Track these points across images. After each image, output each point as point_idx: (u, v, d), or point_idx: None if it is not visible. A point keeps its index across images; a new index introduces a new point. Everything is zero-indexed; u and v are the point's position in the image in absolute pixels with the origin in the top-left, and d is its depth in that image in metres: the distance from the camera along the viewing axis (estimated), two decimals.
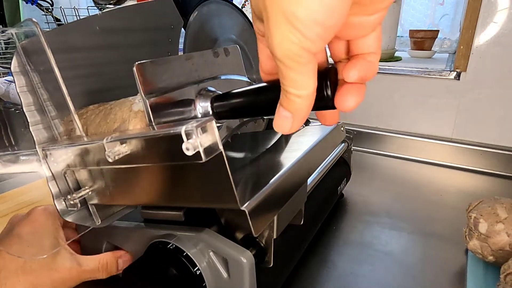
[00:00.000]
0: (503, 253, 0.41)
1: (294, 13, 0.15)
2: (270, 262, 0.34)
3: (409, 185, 0.72)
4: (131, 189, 0.28)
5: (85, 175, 0.30)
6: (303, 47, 0.16)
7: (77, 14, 1.13)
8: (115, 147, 0.25)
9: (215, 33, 0.50)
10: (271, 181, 0.30)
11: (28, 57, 0.31)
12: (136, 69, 0.26)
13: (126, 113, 0.29)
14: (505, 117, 0.78)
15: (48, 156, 0.30)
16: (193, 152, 0.21)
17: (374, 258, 0.49)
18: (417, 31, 1.05)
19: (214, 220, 0.36)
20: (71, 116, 0.30)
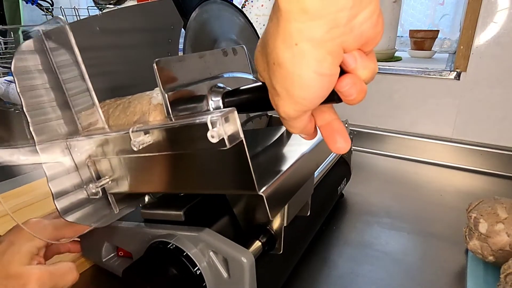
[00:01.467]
0: (503, 253, 0.41)
1: (298, 96, 0.22)
2: (280, 249, 0.36)
3: (409, 185, 0.72)
4: (152, 177, 0.30)
5: (106, 165, 0.32)
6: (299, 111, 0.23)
7: (77, 14, 1.13)
8: (140, 137, 0.27)
9: (215, 33, 0.50)
10: (284, 170, 0.32)
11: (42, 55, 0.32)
12: (155, 65, 0.28)
13: (146, 106, 0.31)
14: (505, 117, 0.78)
15: (71, 148, 0.32)
16: (217, 140, 0.23)
17: (374, 258, 0.49)
18: (417, 31, 1.05)
19: (214, 220, 0.36)
20: (95, 109, 0.31)
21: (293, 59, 0.21)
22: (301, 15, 0.19)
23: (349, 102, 0.23)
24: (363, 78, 0.22)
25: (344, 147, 0.26)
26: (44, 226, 0.37)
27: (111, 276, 0.43)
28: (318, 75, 0.21)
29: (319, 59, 0.20)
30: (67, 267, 0.34)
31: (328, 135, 0.26)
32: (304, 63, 0.20)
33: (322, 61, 0.20)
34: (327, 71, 0.21)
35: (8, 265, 0.32)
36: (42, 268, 0.33)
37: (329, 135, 0.26)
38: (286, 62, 0.21)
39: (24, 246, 0.34)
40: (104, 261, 0.43)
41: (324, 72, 0.21)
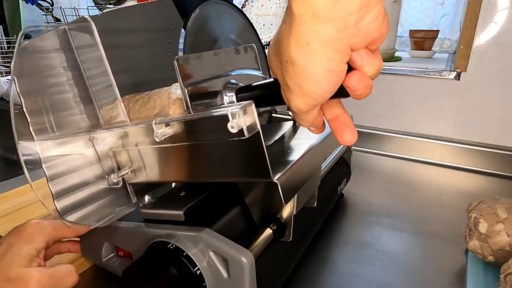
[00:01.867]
0: (503, 253, 0.41)
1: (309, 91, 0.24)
2: (289, 236, 0.38)
3: (409, 185, 0.72)
4: (171, 166, 0.32)
5: (127, 156, 0.34)
6: (310, 105, 0.25)
7: (77, 14, 1.13)
8: (162, 128, 0.29)
9: (215, 33, 0.50)
10: (295, 160, 0.34)
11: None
12: (176, 62, 0.30)
13: (165, 100, 0.33)
14: (505, 117, 0.78)
15: (94, 140, 0.34)
16: (237, 130, 0.25)
17: (374, 258, 0.49)
18: (417, 31, 1.05)
19: (214, 220, 0.36)
20: (117, 103, 0.33)
21: (305, 58, 0.22)
22: (312, 18, 0.21)
23: (356, 97, 0.25)
24: (369, 74, 0.24)
25: (351, 139, 0.27)
26: (43, 227, 0.37)
27: (111, 276, 0.43)
28: (328, 71, 0.23)
29: (329, 57, 0.22)
30: (67, 270, 0.35)
31: (336, 128, 0.28)
32: (315, 61, 0.22)
33: (331, 59, 0.22)
34: (336, 68, 0.23)
35: (8, 267, 0.32)
36: (42, 271, 0.33)
37: (337, 128, 0.28)
38: (299, 60, 0.23)
39: (23, 248, 0.34)
40: (104, 261, 0.43)
41: (333, 69, 0.23)
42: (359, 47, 0.23)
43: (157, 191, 0.41)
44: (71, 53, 0.34)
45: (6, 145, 1.06)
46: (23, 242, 0.35)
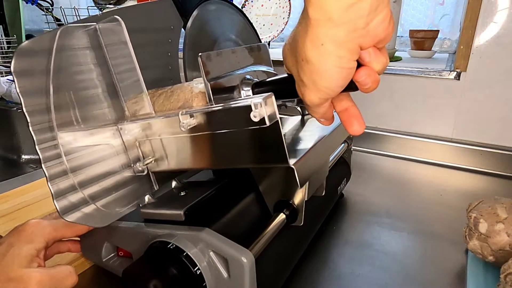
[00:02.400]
0: (503, 253, 0.41)
1: (322, 86, 0.27)
2: (301, 221, 0.40)
3: (409, 185, 0.72)
4: (194, 154, 0.34)
5: (150, 146, 0.36)
6: (322, 99, 0.28)
7: (77, 14, 1.13)
8: (187, 119, 0.31)
9: (215, 33, 0.50)
10: (308, 148, 0.36)
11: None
12: (200, 59, 0.33)
13: (188, 94, 0.35)
14: (505, 117, 0.78)
15: (122, 131, 0.36)
16: (258, 119, 0.27)
17: (374, 258, 0.49)
18: (417, 31, 1.05)
19: (214, 220, 0.36)
20: (142, 97, 0.36)
21: (319, 57, 0.25)
22: (327, 22, 0.23)
23: (364, 90, 0.28)
24: (376, 70, 0.27)
25: (360, 129, 0.30)
26: (43, 227, 0.37)
27: (111, 276, 0.43)
28: (339, 68, 0.25)
29: (340, 56, 0.25)
30: (67, 271, 0.35)
31: (345, 120, 0.31)
32: (328, 60, 0.25)
33: (343, 58, 0.25)
34: (347, 65, 0.26)
35: (8, 268, 0.32)
36: (43, 271, 0.33)
37: (347, 120, 0.31)
38: (314, 59, 0.25)
39: (23, 248, 0.34)
40: (104, 261, 0.43)
41: (344, 66, 0.25)
42: (367, 46, 0.25)
43: (157, 191, 0.41)
44: (100, 50, 0.36)
45: (6, 145, 1.06)
46: (23, 242, 0.35)
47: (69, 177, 0.34)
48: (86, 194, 0.35)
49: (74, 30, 0.35)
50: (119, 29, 0.34)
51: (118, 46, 0.35)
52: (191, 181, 0.46)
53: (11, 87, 1.06)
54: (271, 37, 1.18)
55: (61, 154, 0.34)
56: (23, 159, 1.06)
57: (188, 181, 0.46)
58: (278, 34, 1.18)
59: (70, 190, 0.34)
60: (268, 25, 1.19)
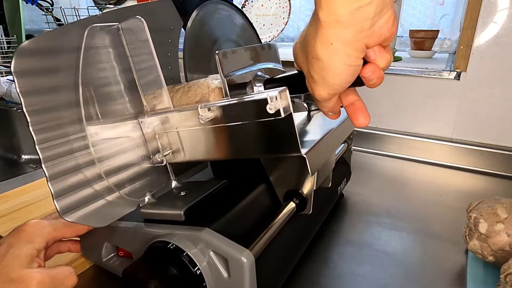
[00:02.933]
0: (503, 253, 0.41)
1: (331, 82, 0.29)
2: (309, 210, 0.42)
3: (409, 185, 0.72)
4: (210, 146, 0.36)
5: (168, 139, 0.38)
6: (331, 94, 0.30)
7: (77, 14, 1.13)
8: (206, 112, 0.33)
9: (215, 33, 0.50)
10: (317, 139, 0.38)
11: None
12: (218, 56, 0.34)
13: (205, 89, 0.37)
14: (505, 117, 0.78)
15: (142, 124, 0.38)
16: (274, 111, 0.29)
17: (374, 258, 0.49)
18: (417, 31, 1.05)
19: (214, 220, 0.36)
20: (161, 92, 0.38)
21: (328, 55, 0.27)
22: (335, 24, 0.26)
23: (370, 86, 0.30)
24: (381, 67, 0.29)
25: (365, 122, 0.32)
26: (43, 227, 0.37)
27: (111, 276, 0.43)
28: (347, 66, 0.28)
29: (348, 54, 0.27)
30: (67, 272, 0.35)
31: (352, 113, 0.33)
32: (337, 58, 0.27)
33: (350, 56, 0.27)
34: (354, 63, 0.28)
35: (8, 268, 0.32)
36: (43, 272, 0.33)
37: (353, 113, 0.33)
38: (323, 57, 0.28)
39: (23, 248, 0.34)
40: (104, 261, 0.43)
41: (352, 64, 0.28)
42: (373, 45, 0.27)
43: (157, 191, 0.41)
44: (121, 48, 0.38)
45: (6, 145, 1.06)
46: (23, 242, 0.35)
47: (72, 176, 0.34)
48: (111, 182, 0.37)
49: (98, 30, 0.36)
50: (140, 28, 0.36)
51: (139, 44, 0.37)
52: (191, 181, 0.46)
53: (11, 87, 1.06)
54: (271, 37, 1.18)
55: (89, 145, 0.36)
56: (23, 159, 1.06)
57: (188, 181, 0.46)
58: (278, 34, 1.18)
59: (71, 190, 0.34)
60: (268, 25, 1.19)
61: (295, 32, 1.37)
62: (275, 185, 0.42)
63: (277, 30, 1.18)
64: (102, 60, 0.37)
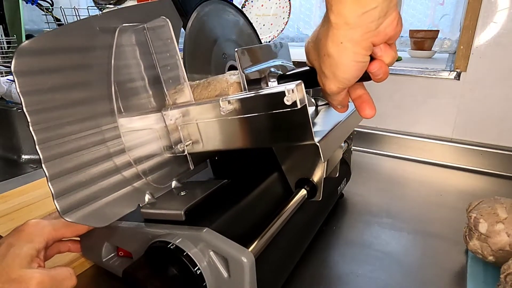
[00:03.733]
0: (503, 253, 0.41)
1: (341, 77, 0.32)
2: (319, 196, 0.44)
3: (409, 185, 0.72)
4: (228, 136, 0.38)
5: (190, 130, 0.40)
6: (341, 88, 0.33)
7: (77, 14, 1.13)
8: (226, 105, 0.35)
9: (215, 33, 0.50)
10: (328, 130, 0.41)
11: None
12: (237, 53, 0.37)
13: (224, 84, 0.39)
14: (505, 117, 0.78)
15: (165, 116, 0.40)
16: (291, 103, 0.32)
17: (374, 258, 0.49)
18: (417, 31, 1.05)
19: (214, 220, 0.36)
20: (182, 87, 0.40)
21: (338, 53, 0.30)
22: (345, 25, 0.28)
23: (377, 80, 0.33)
24: (386, 63, 0.31)
25: (371, 113, 0.36)
26: (43, 227, 0.37)
27: (111, 276, 0.43)
28: (355, 62, 0.30)
29: (356, 52, 0.30)
30: (67, 273, 0.35)
31: (359, 105, 0.36)
32: (346, 55, 0.30)
33: (358, 53, 0.30)
34: (362, 60, 0.30)
35: (8, 268, 0.32)
36: (43, 272, 0.33)
37: (360, 105, 0.36)
38: (334, 54, 0.30)
39: (23, 248, 0.34)
40: (104, 261, 0.43)
41: (360, 60, 0.30)
42: (379, 43, 0.30)
43: (157, 191, 0.41)
44: (147, 47, 0.40)
45: (6, 145, 1.06)
46: (22, 242, 0.35)
47: (73, 175, 0.34)
48: (139, 170, 0.40)
49: (126, 30, 0.39)
50: (165, 27, 0.38)
51: (163, 43, 0.39)
52: (191, 181, 0.46)
53: (11, 87, 1.06)
54: (271, 37, 1.18)
55: (120, 135, 0.38)
56: (23, 159, 1.06)
57: (188, 181, 0.46)
58: (278, 34, 1.18)
59: (71, 190, 0.34)
60: (268, 25, 1.19)
61: (295, 32, 1.38)
62: (287, 174, 0.45)
63: (277, 30, 1.18)
64: (128, 57, 0.40)
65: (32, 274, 0.32)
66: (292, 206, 0.41)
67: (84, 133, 0.36)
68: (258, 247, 0.34)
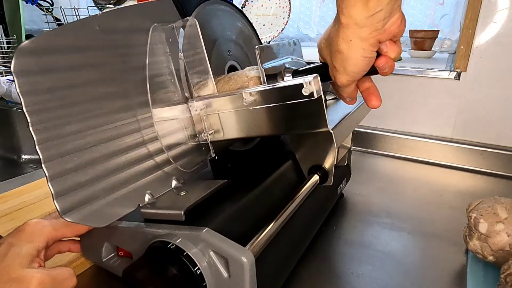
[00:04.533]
0: (503, 253, 0.41)
1: (350, 70, 0.35)
2: (330, 182, 0.48)
3: (409, 185, 0.72)
4: (249, 125, 0.41)
5: (212, 120, 0.43)
6: (350, 81, 0.37)
7: (77, 14, 1.13)
8: (249, 96, 0.39)
9: (215, 33, 0.50)
10: (339, 119, 0.43)
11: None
12: (257, 50, 0.41)
13: (244, 78, 0.43)
14: (505, 117, 0.78)
15: (191, 107, 0.43)
16: (308, 93, 0.35)
17: (374, 258, 0.49)
18: (417, 31, 1.05)
19: (215, 220, 0.36)
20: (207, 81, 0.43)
21: (348, 49, 0.33)
22: (353, 25, 0.32)
23: (383, 74, 0.36)
24: (392, 57, 0.35)
25: (378, 104, 0.39)
26: (43, 227, 0.37)
27: (111, 276, 0.43)
28: (363, 57, 0.34)
29: (364, 48, 0.33)
30: (68, 273, 0.35)
31: (367, 96, 0.39)
32: (355, 51, 0.33)
33: (366, 50, 0.33)
34: (369, 55, 0.34)
35: (9, 268, 0.32)
36: (44, 272, 0.33)
37: (367, 96, 0.39)
38: (344, 51, 0.34)
39: (24, 248, 0.34)
40: (104, 261, 0.43)
41: (367, 56, 0.34)
42: (384, 40, 0.34)
43: (157, 191, 0.41)
44: (175, 45, 0.43)
45: (6, 145, 1.06)
46: (23, 242, 0.35)
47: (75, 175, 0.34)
48: (169, 156, 0.43)
49: (158, 29, 0.42)
50: (193, 27, 0.42)
51: (190, 40, 0.43)
52: (191, 181, 0.46)
53: (11, 87, 1.06)
54: (271, 37, 1.18)
55: (154, 124, 0.41)
56: (23, 159, 1.06)
57: (188, 181, 0.46)
58: (278, 34, 1.18)
59: (71, 190, 0.34)
60: (268, 25, 1.19)
61: (295, 32, 1.37)
62: (301, 161, 0.49)
63: (277, 30, 1.18)
64: (156, 53, 0.42)
65: (32, 274, 0.32)
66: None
67: (85, 132, 0.36)
68: (258, 247, 0.34)
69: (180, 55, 0.43)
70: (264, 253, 0.35)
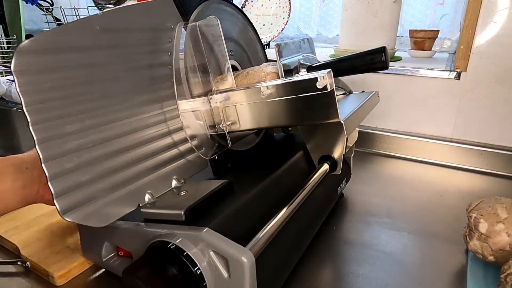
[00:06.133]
0: (504, 253, 0.41)
1: None
2: (339, 171, 0.50)
3: (409, 185, 0.72)
4: (264, 117, 0.44)
5: (230, 112, 0.46)
6: None
7: (77, 14, 1.13)
8: (266, 89, 0.42)
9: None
10: (349, 112, 0.47)
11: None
12: (276, 47, 0.45)
13: (261, 73, 0.47)
14: (505, 117, 0.78)
15: (211, 100, 0.46)
16: (322, 87, 0.38)
17: (374, 258, 0.49)
18: (417, 31, 1.06)
19: (215, 220, 0.36)
20: (226, 75, 0.46)
21: None
22: None
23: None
24: None
25: None
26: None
27: (111, 276, 0.43)
28: None
29: None
30: None
31: None
32: None
33: None
34: None
35: None
36: None
37: None
38: None
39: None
40: (104, 261, 0.43)
41: None
42: None
43: (157, 191, 0.41)
44: (197, 42, 0.45)
45: (6, 145, 1.06)
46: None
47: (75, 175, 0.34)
48: (193, 144, 0.46)
49: (182, 26, 0.45)
50: (214, 25, 0.44)
51: (212, 38, 0.45)
52: (191, 181, 0.46)
53: (11, 87, 1.06)
54: (271, 37, 1.18)
55: (179, 115, 0.45)
56: None
57: (188, 181, 0.46)
58: (278, 34, 1.18)
59: (71, 190, 0.34)
60: (268, 25, 1.19)
61: (295, 32, 1.38)
62: (311, 151, 0.52)
63: (277, 30, 1.18)
64: (182, 50, 0.45)
65: None
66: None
67: (85, 132, 0.36)
68: (258, 247, 0.34)
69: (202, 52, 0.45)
70: (264, 253, 0.35)
